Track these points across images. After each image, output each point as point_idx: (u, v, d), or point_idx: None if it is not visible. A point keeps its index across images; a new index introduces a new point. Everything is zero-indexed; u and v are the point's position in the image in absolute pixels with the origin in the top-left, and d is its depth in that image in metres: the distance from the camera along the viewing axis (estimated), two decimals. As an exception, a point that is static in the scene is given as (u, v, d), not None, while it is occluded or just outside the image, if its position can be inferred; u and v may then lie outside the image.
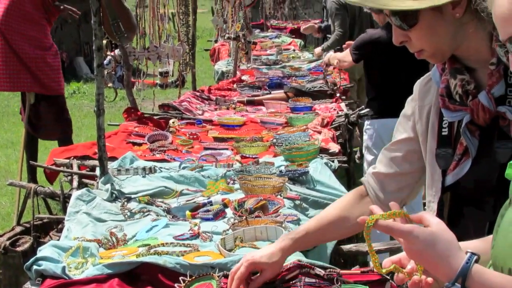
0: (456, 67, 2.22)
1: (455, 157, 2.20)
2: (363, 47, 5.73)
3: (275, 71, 8.76)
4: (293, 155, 4.56)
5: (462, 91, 2.15)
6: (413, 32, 2.15)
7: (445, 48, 2.18)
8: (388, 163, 2.51)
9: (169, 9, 6.88)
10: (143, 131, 5.44)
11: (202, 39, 26.35)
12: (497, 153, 2.11)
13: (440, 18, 2.12)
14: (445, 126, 2.28)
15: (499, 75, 2.09)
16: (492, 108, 2.09)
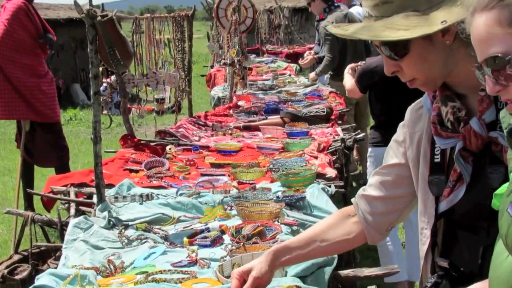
0: (447, 94, 2.23)
1: (448, 184, 2.20)
2: (364, 78, 5.73)
3: (271, 96, 8.78)
4: (290, 180, 4.56)
5: (453, 118, 2.17)
6: (404, 62, 2.16)
7: (437, 76, 2.19)
8: (378, 186, 2.53)
9: (165, 35, 6.92)
10: (140, 158, 5.44)
11: (198, 64, 26.44)
12: (489, 178, 2.12)
13: (431, 46, 2.13)
14: (437, 153, 2.29)
15: (489, 100, 2.11)
16: (484, 134, 2.10)
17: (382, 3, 2.10)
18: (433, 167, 2.30)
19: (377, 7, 2.12)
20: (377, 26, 2.08)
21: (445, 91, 2.24)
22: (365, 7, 2.17)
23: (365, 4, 2.17)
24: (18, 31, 7.48)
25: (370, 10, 2.15)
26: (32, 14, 7.65)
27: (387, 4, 2.10)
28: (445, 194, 2.21)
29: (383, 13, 2.10)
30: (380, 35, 2.06)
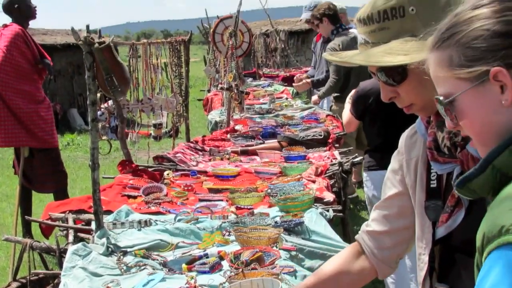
0: (442, 120, 2.24)
1: (446, 209, 2.20)
2: (359, 102, 5.71)
3: (268, 120, 8.80)
4: (288, 205, 4.57)
5: (450, 143, 2.17)
6: (402, 87, 2.17)
7: (434, 101, 2.19)
8: (382, 221, 2.53)
9: (161, 60, 6.95)
10: (138, 184, 5.45)
11: (195, 88, 26.51)
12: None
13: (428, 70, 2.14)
14: (433, 179, 2.29)
15: None
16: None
17: (379, 29, 2.11)
18: (430, 193, 2.30)
19: (374, 33, 2.13)
20: (376, 52, 2.09)
21: (440, 117, 2.25)
22: (361, 33, 2.18)
23: (362, 31, 2.17)
24: (16, 57, 7.50)
25: (366, 36, 2.15)
26: (29, 39, 7.68)
27: (384, 30, 2.11)
28: (442, 219, 2.21)
29: (380, 39, 2.11)
30: (381, 60, 2.06)
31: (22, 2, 7.74)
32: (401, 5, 2.08)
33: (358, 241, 2.62)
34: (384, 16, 2.10)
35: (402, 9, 2.09)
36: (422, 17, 2.09)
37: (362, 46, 2.19)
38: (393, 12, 2.09)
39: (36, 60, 7.69)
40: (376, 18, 2.11)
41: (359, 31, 2.20)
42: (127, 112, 6.29)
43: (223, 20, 8.97)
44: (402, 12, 2.09)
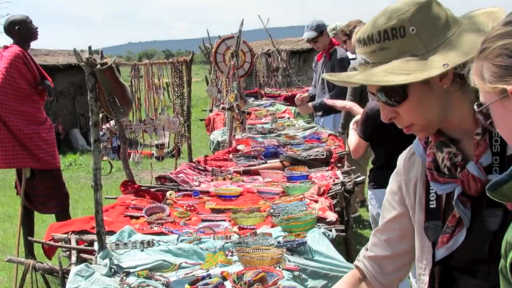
0: (441, 140, 2.25)
1: (447, 230, 2.21)
2: (367, 123, 5.71)
3: (270, 140, 8.81)
4: (290, 225, 4.56)
5: (450, 163, 2.18)
6: (402, 107, 2.16)
7: (434, 120, 2.19)
8: (383, 246, 2.53)
9: (163, 80, 6.96)
10: (140, 204, 5.45)
11: (197, 108, 26.53)
12: (487, 221, 2.13)
13: (429, 90, 2.13)
14: (432, 199, 2.30)
15: (485, 144, 2.13)
16: (483, 178, 2.11)
17: (380, 49, 2.11)
18: (429, 213, 2.31)
19: (374, 53, 2.13)
20: (378, 72, 2.08)
21: (439, 137, 2.26)
22: (362, 54, 2.18)
23: (362, 51, 2.17)
24: (16, 79, 7.53)
25: (367, 56, 2.15)
26: (29, 61, 7.71)
27: (384, 50, 2.11)
28: (443, 240, 2.21)
29: (381, 59, 2.11)
30: (383, 80, 2.06)
31: (22, 23, 7.78)
32: (402, 25, 2.09)
33: (358, 267, 2.63)
34: (385, 36, 2.10)
35: (403, 29, 2.09)
36: (422, 37, 2.09)
37: (362, 66, 2.18)
38: (394, 32, 2.09)
39: (36, 82, 7.71)
40: (376, 38, 2.11)
41: (359, 52, 2.19)
42: (130, 133, 6.29)
43: (225, 40, 9.00)
44: (403, 32, 2.09)
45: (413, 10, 2.10)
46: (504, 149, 2.13)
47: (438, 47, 2.09)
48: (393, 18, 2.10)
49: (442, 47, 2.09)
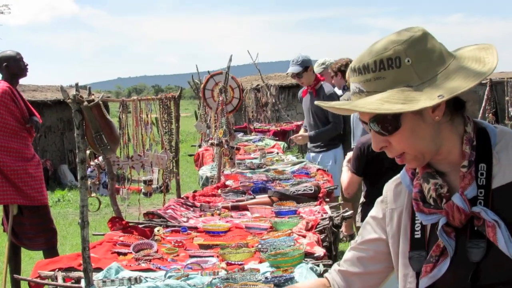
0: (428, 171, 2.29)
1: (430, 259, 2.24)
2: (360, 157, 5.73)
3: (259, 175, 8.80)
4: (278, 260, 4.56)
5: (436, 194, 2.22)
6: (394, 137, 2.19)
7: (426, 151, 2.22)
8: (356, 263, 2.57)
9: (152, 115, 6.98)
10: (128, 241, 5.43)
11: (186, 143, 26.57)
12: (469, 252, 2.17)
13: (421, 120, 2.17)
14: (417, 229, 2.34)
15: (471, 177, 2.18)
16: (467, 209, 2.15)
17: (375, 79, 2.13)
18: (414, 243, 2.34)
19: (369, 82, 2.15)
20: (374, 100, 2.10)
21: (426, 169, 2.30)
22: (356, 82, 2.20)
23: (356, 80, 2.19)
24: (4, 115, 7.54)
25: (361, 85, 2.17)
26: (17, 97, 7.72)
27: (379, 79, 2.13)
28: (427, 269, 2.24)
29: (376, 89, 2.13)
30: (379, 108, 2.07)
31: (11, 60, 7.80)
32: (398, 55, 2.12)
33: (327, 278, 2.67)
34: (380, 66, 2.12)
35: (399, 60, 2.12)
36: (417, 69, 2.12)
37: (356, 95, 2.21)
38: (389, 62, 2.12)
39: (24, 118, 7.72)
40: (372, 67, 2.14)
41: (353, 80, 2.21)
42: (117, 169, 6.29)
43: (213, 76, 9.05)
44: (399, 62, 2.12)
45: (409, 42, 2.13)
46: (489, 182, 2.18)
47: (432, 79, 2.12)
48: (389, 49, 2.13)
49: (436, 79, 2.12)
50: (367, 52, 2.18)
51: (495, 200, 2.17)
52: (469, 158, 2.20)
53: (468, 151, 2.21)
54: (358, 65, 2.18)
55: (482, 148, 2.22)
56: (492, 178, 2.18)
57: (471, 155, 2.21)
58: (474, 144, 2.22)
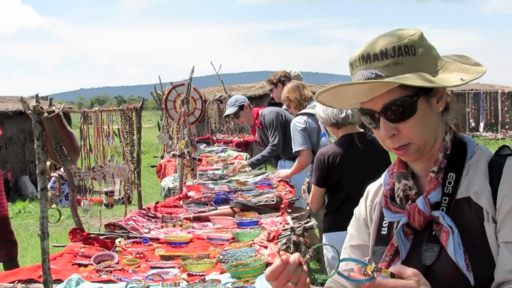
0: (403, 171, 2.35)
1: (385, 258, 2.29)
2: (321, 168, 5.75)
3: (221, 186, 8.80)
4: (239, 271, 4.56)
5: (403, 195, 2.29)
6: (407, 123, 2.21)
7: (428, 142, 2.27)
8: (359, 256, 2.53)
9: (113, 127, 6.95)
10: (89, 252, 5.40)
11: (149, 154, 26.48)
12: (423, 255, 2.23)
13: (429, 109, 2.23)
14: (384, 226, 2.40)
15: (437, 182, 2.24)
16: (427, 212, 2.21)
17: (394, 64, 2.17)
18: (379, 238, 2.40)
19: (388, 67, 2.17)
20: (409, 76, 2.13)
21: (402, 168, 2.36)
22: (371, 69, 2.20)
23: (372, 66, 2.20)
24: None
25: (378, 70, 2.18)
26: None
27: (398, 65, 2.17)
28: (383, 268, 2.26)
29: (395, 73, 2.16)
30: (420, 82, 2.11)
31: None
32: (413, 44, 2.18)
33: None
34: (399, 52, 2.17)
35: (414, 48, 2.18)
36: (428, 59, 2.21)
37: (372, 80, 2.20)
38: (406, 50, 2.17)
39: None
40: (391, 53, 2.17)
41: (366, 67, 2.21)
42: (79, 180, 6.26)
43: (176, 87, 9.05)
44: (414, 50, 2.18)
45: (418, 35, 2.21)
46: (454, 192, 2.23)
47: (439, 71, 2.21)
48: (404, 38, 2.19)
49: (442, 70, 2.21)
50: (376, 42, 2.22)
51: (454, 209, 2.22)
52: (440, 164, 2.26)
53: (441, 158, 2.27)
54: (374, 52, 2.20)
55: (456, 159, 2.27)
56: (458, 189, 2.24)
57: (442, 162, 2.26)
58: (448, 153, 2.28)
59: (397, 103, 2.18)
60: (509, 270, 2.08)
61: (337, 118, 5.64)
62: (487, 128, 31.06)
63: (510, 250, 2.10)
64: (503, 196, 2.16)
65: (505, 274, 2.08)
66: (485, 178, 2.22)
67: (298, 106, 8.61)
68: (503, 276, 2.09)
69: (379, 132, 2.27)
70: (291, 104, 8.70)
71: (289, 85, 8.74)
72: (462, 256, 2.13)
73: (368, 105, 2.25)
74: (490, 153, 2.32)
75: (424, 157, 2.30)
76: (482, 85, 32.65)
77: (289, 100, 8.66)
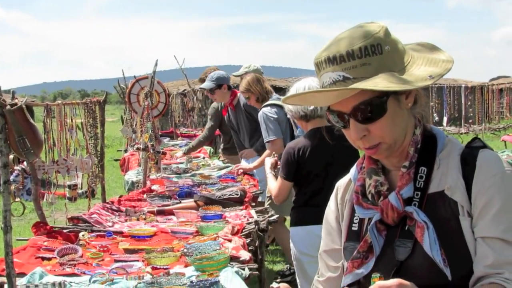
0: (373, 167, 2.34)
1: (357, 255, 2.28)
2: (290, 163, 5.74)
3: (185, 179, 8.80)
4: (203, 264, 4.57)
5: (374, 191, 2.28)
6: (377, 124, 2.20)
7: (399, 139, 2.26)
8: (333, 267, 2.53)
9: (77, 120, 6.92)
10: (52, 245, 5.38)
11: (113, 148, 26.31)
12: (396, 251, 2.22)
13: (398, 107, 2.22)
14: (356, 222, 2.39)
15: (409, 177, 2.24)
16: (400, 208, 2.21)
17: (361, 65, 2.14)
18: (350, 234, 2.39)
19: (355, 69, 2.14)
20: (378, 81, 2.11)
21: (372, 164, 2.35)
22: (338, 71, 2.16)
23: (338, 68, 2.16)
24: None
25: (346, 72, 2.15)
26: None
27: (365, 65, 2.14)
28: (354, 265, 2.28)
29: (364, 74, 2.14)
30: (390, 86, 2.08)
31: None
32: (379, 43, 2.15)
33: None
34: (366, 52, 2.13)
35: (380, 47, 2.15)
36: (394, 56, 2.18)
37: (339, 83, 2.17)
38: (373, 49, 2.14)
39: None
40: (358, 54, 2.13)
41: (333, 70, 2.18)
42: (43, 174, 6.23)
43: (139, 80, 8.99)
44: (380, 49, 2.15)
45: (383, 31, 2.18)
46: (426, 186, 2.23)
47: (407, 66, 2.19)
48: (369, 37, 2.15)
49: (409, 66, 2.20)
50: (339, 42, 2.19)
51: (428, 204, 2.22)
52: (411, 159, 2.26)
53: (412, 152, 2.27)
54: (340, 53, 2.16)
55: (426, 152, 2.28)
56: (430, 183, 2.25)
57: (413, 156, 2.27)
58: (418, 147, 2.28)
59: (367, 105, 2.16)
60: (489, 264, 2.09)
61: (306, 111, 5.62)
62: (451, 122, 31.32)
63: (488, 244, 2.11)
64: (478, 190, 2.17)
65: (485, 269, 2.09)
66: (458, 172, 2.23)
67: (260, 99, 8.61)
68: (482, 271, 2.10)
69: (348, 131, 2.26)
70: (252, 96, 8.69)
71: (249, 78, 8.70)
72: (439, 251, 2.13)
73: (337, 106, 2.23)
74: (461, 145, 2.32)
75: (395, 153, 2.30)
76: (446, 80, 32.95)
77: (250, 92, 8.64)
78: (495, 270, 2.08)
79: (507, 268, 2.08)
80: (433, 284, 2.16)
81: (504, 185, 2.16)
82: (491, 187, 2.16)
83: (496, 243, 2.11)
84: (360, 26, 2.22)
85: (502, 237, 2.11)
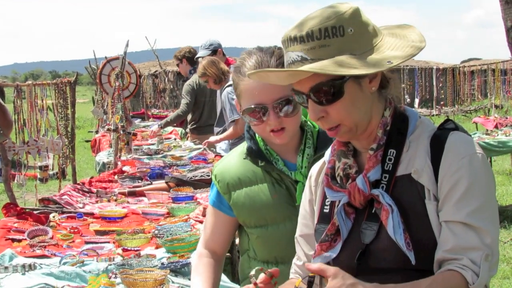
0: (343, 149, 2.34)
1: (326, 238, 2.28)
2: None
3: (156, 161, 8.77)
4: (174, 246, 4.57)
5: (343, 174, 2.28)
6: (335, 106, 2.19)
7: (360, 123, 2.25)
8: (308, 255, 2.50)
9: (47, 101, 6.88)
10: (22, 227, 5.35)
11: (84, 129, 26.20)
12: (362, 234, 2.22)
13: (359, 90, 2.20)
14: (327, 204, 2.38)
15: (376, 160, 2.23)
16: (366, 191, 2.20)
17: (320, 46, 2.13)
18: (321, 216, 2.38)
19: (313, 50, 2.14)
20: (327, 64, 2.10)
21: (342, 146, 2.35)
22: (297, 51, 2.17)
23: (298, 48, 2.17)
24: None
25: (304, 53, 2.15)
26: None
27: (324, 47, 2.13)
28: (322, 248, 2.28)
29: (321, 56, 2.13)
30: (337, 70, 2.08)
31: None
32: (341, 24, 2.14)
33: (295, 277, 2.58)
34: (325, 33, 2.13)
35: (342, 29, 2.14)
36: (358, 39, 2.16)
37: (297, 63, 2.17)
38: (334, 31, 2.13)
39: None
40: (317, 35, 2.13)
41: (293, 49, 2.19)
42: (13, 155, 6.19)
43: (110, 61, 8.96)
44: (342, 31, 2.14)
45: (349, 12, 2.16)
46: (395, 169, 2.23)
47: (371, 50, 2.17)
48: (332, 18, 2.14)
49: (375, 49, 2.17)
50: (306, 22, 2.18)
51: (395, 187, 2.22)
52: (379, 141, 2.25)
53: (380, 135, 2.26)
54: (300, 34, 2.16)
55: (396, 134, 2.27)
56: (398, 165, 2.24)
57: (381, 139, 2.26)
58: (387, 129, 2.27)
59: (323, 87, 2.16)
60: (449, 249, 2.10)
61: None
62: (422, 104, 31.42)
63: (450, 229, 2.12)
64: (444, 173, 2.17)
65: (444, 254, 2.11)
66: (426, 154, 2.23)
67: (218, 80, 8.70)
68: (442, 255, 2.12)
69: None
70: (210, 79, 8.78)
71: (204, 62, 8.85)
72: (402, 235, 2.13)
73: (297, 86, 2.24)
74: (433, 126, 2.32)
75: (359, 136, 2.30)
76: (417, 61, 33.04)
77: (207, 76, 8.75)
78: (454, 255, 2.10)
79: (466, 254, 2.09)
80: (398, 268, 2.17)
81: (471, 168, 2.16)
82: (458, 171, 2.16)
83: (458, 227, 2.12)
84: (330, 6, 2.21)
85: (465, 221, 2.11)
